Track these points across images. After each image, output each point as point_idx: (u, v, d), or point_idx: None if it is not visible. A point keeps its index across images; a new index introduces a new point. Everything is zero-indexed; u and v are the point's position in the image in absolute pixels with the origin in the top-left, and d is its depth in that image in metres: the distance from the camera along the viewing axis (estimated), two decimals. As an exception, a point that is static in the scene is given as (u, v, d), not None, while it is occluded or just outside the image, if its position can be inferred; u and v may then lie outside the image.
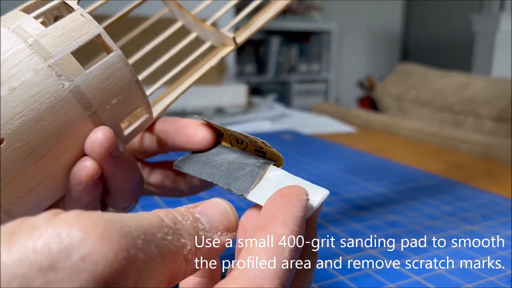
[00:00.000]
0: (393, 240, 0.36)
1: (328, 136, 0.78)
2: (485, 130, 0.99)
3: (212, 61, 0.27)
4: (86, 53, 0.24)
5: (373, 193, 0.47)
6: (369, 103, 2.23)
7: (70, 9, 0.21)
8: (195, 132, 0.22)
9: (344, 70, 3.13)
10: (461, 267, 0.32)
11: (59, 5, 0.21)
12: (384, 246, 0.35)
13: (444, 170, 0.57)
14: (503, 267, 0.32)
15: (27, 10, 0.20)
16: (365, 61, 3.19)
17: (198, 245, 0.15)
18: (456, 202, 0.45)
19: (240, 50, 2.62)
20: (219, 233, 0.16)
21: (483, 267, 0.32)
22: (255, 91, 2.69)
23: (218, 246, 0.16)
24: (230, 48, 0.27)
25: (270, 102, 1.08)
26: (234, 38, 0.26)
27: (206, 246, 0.16)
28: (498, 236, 0.37)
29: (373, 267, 0.31)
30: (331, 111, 1.03)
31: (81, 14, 0.20)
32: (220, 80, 1.17)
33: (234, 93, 1.14)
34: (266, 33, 2.74)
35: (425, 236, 0.37)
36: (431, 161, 0.63)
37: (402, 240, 0.36)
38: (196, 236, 0.15)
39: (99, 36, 0.20)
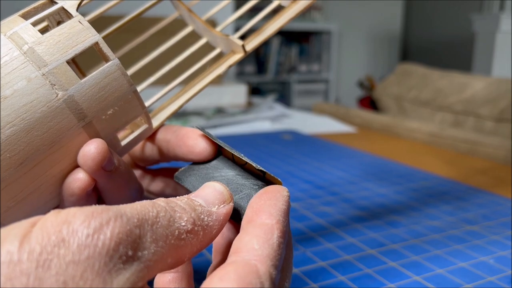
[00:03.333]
0: (393, 240, 0.36)
1: (328, 136, 0.78)
2: (485, 130, 0.99)
3: (220, 69, 0.26)
4: (91, 59, 0.24)
5: (373, 193, 0.47)
6: (369, 103, 2.23)
7: (69, 15, 0.20)
8: (195, 143, 0.22)
9: (344, 70, 3.13)
10: (461, 267, 0.32)
11: (59, 11, 0.21)
12: (384, 246, 0.35)
13: (444, 170, 0.57)
14: (503, 267, 0.32)
15: (26, 16, 0.20)
16: (365, 61, 3.19)
17: (196, 218, 0.16)
18: (456, 202, 0.45)
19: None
20: (216, 206, 0.17)
21: (483, 267, 0.32)
22: (255, 91, 2.69)
23: (220, 217, 0.17)
24: (238, 55, 0.27)
25: (270, 102, 1.08)
26: (243, 46, 0.26)
27: (208, 219, 0.16)
28: (498, 236, 0.37)
29: (373, 267, 0.31)
30: (331, 111, 1.03)
31: (79, 21, 0.20)
32: (220, 80, 1.17)
33: (234, 93, 1.14)
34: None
35: (425, 236, 0.37)
36: (431, 161, 0.63)
37: (402, 240, 0.36)
38: (193, 210, 0.16)
39: (96, 44, 0.20)
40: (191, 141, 0.23)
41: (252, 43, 0.27)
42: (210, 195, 0.17)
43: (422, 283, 0.29)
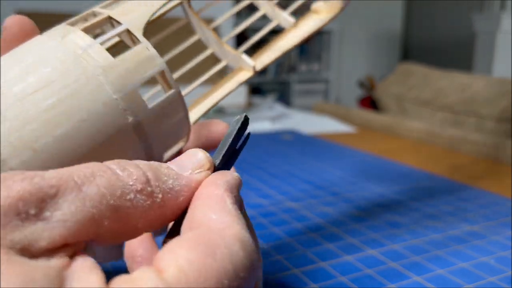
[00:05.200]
0: (394, 240, 0.36)
1: (328, 136, 0.78)
2: (486, 130, 0.99)
3: (230, 86, 0.26)
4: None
5: (373, 193, 0.47)
6: (370, 103, 2.23)
7: (135, 39, 0.20)
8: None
9: (344, 70, 3.13)
10: (461, 267, 0.32)
11: (123, 33, 0.21)
12: (385, 246, 0.35)
13: (444, 170, 0.57)
14: (504, 267, 0.32)
15: (87, 31, 0.20)
16: (365, 60, 3.19)
17: (153, 177, 0.15)
18: (456, 202, 0.45)
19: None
20: (189, 171, 0.16)
21: (483, 267, 0.32)
22: (255, 91, 2.69)
23: (192, 183, 0.16)
24: (248, 74, 0.26)
25: (270, 102, 1.08)
26: (254, 67, 0.26)
27: (174, 182, 0.15)
28: (498, 236, 0.37)
29: (373, 267, 0.31)
30: (331, 111, 1.03)
31: (147, 48, 0.20)
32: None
33: (234, 93, 1.13)
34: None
35: (426, 236, 0.37)
36: (432, 161, 0.63)
37: (403, 241, 0.36)
38: (149, 169, 0.15)
39: (162, 72, 0.20)
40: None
41: (262, 62, 0.26)
42: (185, 159, 0.16)
43: (422, 284, 0.29)
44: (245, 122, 0.18)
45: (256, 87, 2.77)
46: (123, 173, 0.14)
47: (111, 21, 0.21)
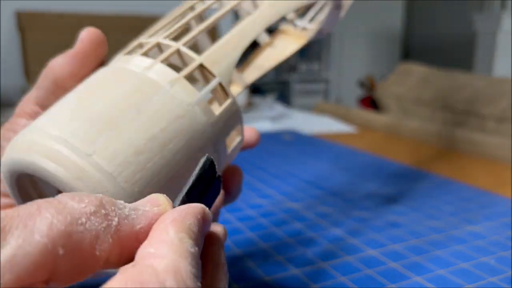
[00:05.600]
0: (394, 240, 0.36)
1: (329, 136, 0.78)
2: (486, 130, 0.99)
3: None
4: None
5: (373, 193, 0.47)
6: (370, 102, 2.23)
7: (226, 94, 0.22)
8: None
9: (345, 69, 3.13)
10: (462, 268, 0.32)
11: (217, 87, 0.22)
12: (385, 246, 0.35)
13: (445, 170, 0.57)
14: (504, 268, 0.32)
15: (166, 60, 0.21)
16: (365, 60, 3.19)
17: (107, 202, 0.14)
18: (457, 202, 0.45)
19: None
20: (147, 207, 0.15)
21: (484, 267, 0.32)
22: (255, 91, 2.69)
23: (149, 214, 0.15)
24: (238, 89, 0.28)
25: (270, 102, 1.08)
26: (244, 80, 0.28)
27: (131, 212, 0.14)
28: (499, 236, 0.37)
29: (373, 267, 0.31)
30: (332, 111, 1.03)
31: (235, 103, 0.23)
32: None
33: (235, 93, 1.13)
34: (265, 32, 2.74)
35: (426, 236, 0.37)
36: (432, 161, 0.63)
37: (403, 241, 0.36)
38: (102, 197, 0.14)
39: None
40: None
41: (249, 78, 0.28)
42: (143, 201, 0.16)
43: (422, 284, 0.29)
44: (208, 164, 0.17)
45: (256, 87, 2.77)
46: (72, 201, 0.13)
47: (179, 54, 0.22)
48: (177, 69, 0.22)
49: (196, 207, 0.16)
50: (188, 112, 0.20)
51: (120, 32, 0.25)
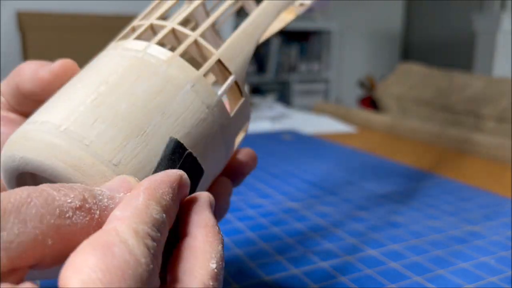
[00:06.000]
0: (394, 240, 0.36)
1: (328, 136, 0.78)
2: (486, 130, 0.99)
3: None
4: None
5: (373, 193, 0.47)
6: (370, 102, 2.23)
7: (239, 92, 0.22)
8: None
9: (345, 69, 3.13)
10: (461, 268, 0.32)
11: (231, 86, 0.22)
12: (385, 246, 0.35)
13: (445, 170, 0.57)
14: (504, 268, 0.32)
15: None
16: (365, 60, 3.19)
17: (89, 196, 0.15)
18: (457, 202, 0.45)
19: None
20: (121, 193, 0.16)
21: (484, 267, 0.32)
22: (255, 91, 2.69)
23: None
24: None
25: (270, 102, 1.08)
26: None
27: (108, 201, 0.15)
28: (499, 236, 0.37)
29: (373, 267, 0.31)
30: (332, 111, 1.03)
31: (249, 102, 0.23)
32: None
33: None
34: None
35: (426, 236, 0.37)
36: (432, 161, 0.63)
37: (403, 241, 0.36)
38: (84, 190, 0.15)
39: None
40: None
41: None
42: (114, 184, 0.16)
43: (422, 284, 0.29)
44: (172, 145, 0.17)
45: (256, 87, 2.77)
46: (59, 193, 0.14)
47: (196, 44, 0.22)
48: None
49: (173, 174, 0.16)
50: (208, 115, 0.19)
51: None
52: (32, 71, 0.21)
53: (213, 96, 0.20)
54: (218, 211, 0.23)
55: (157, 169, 0.17)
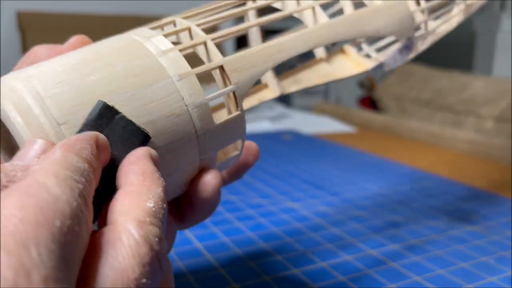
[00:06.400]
0: (394, 240, 0.36)
1: (328, 136, 0.78)
2: (485, 130, 0.99)
3: (252, 102, 0.26)
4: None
5: (373, 193, 0.47)
6: (370, 103, 2.23)
7: (236, 105, 0.21)
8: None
9: (345, 70, 3.12)
10: (461, 267, 0.32)
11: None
12: (385, 246, 0.35)
13: (444, 170, 0.57)
14: (504, 267, 0.32)
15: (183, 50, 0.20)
16: (365, 61, 3.18)
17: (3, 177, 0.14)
18: (456, 202, 0.45)
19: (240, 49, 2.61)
20: (35, 159, 0.15)
21: (483, 267, 0.32)
22: (256, 91, 2.69)
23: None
24: (271, 94, 0.26)
25: (270, 102, 1.08)
26: (279, 92, 0.26)
27: (25, 173, 0.15)
28: (498, 236, 0.37)
29: (373, 267, 0.31)
30: (332, 111, 1.03)
31: (243, 116, 0.21)
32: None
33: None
34: (265, 32, 2.74)
35: (426, 236, 0.37)
36: (431, 161, 0.63)
37: (403, 241, 0.36)
38: None
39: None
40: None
41: (286, 89, 0.27)
42: (25, 151, 0.15)
43: (422, 284, 0.29)
44: (98, 109, 0.17)
45: (256, 87, 2.77)
46: None
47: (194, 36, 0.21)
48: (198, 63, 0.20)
49: (88, 134, 0.16)
50: (185, 112, 0.19)
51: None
52: (47, 49, 0.21)
53: (199, 97, 0.19)
54: (207, 204, 0.22)
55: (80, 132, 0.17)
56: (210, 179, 0.21)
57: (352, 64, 0.28)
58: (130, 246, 0.14)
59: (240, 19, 0.27)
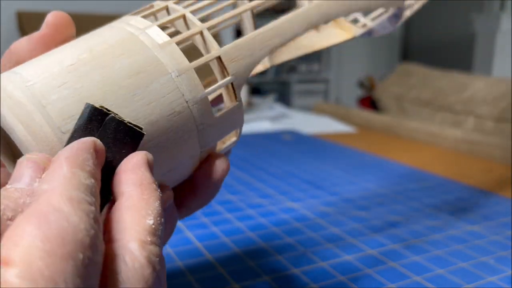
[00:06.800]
0: (393, 240, 0.36)
1: (328, 136, 0.78)
2: (485, 130, 0.99)
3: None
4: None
5: (373, 193, 0.47)
6: (370, 103, 2.23)
7: (234, 96, 0.21)
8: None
9: (344, 70, 3.13)
10: (461, 267, 0.32)
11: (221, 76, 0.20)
12: (385, 246, 0.35)
13: (444, 170, 0.57)
14: (504, 267, 0.32)
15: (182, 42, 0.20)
16: (365, 61, 3.19)
17: (13, 205, 0.14)
18: (456, 202, 0.45)
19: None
20: (36, 180, 0.15)
21: (483, 267, 0.32)
22: (255, 91, 2.69)
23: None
24: (262, 66, 0.26)
25: (270, 102, 1.08)
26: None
27: (32, 199, 0.14)
28: (498, 236, 0.37)
29: (373, 267, 0.31)
30: (331, 111, 1.03)
31: (241, 107, 0.21)
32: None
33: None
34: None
35: (426, 236, 0.37)
36: (431, 161, 0.63)
37: (403, 241, 0.36)
38: (6, 199, 0.14)
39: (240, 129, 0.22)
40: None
41: (279, 58, 0.26)
42: (20, 173, 0.15)
43: (422, 284, 0.29)
44: (87, 114, 0.16)
45: (256, 87, 2.77)
46: None
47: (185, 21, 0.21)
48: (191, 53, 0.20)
49: (86, 141, 0.16)
50: (186, 109, 0.18)
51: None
52: (27, 42, 0.20)
53: (199, 91, 0.19)
54: (208, 189, 0.22)
55: (70, 140, 0.16)
56: (219, 163, 0.21)
57: (341, 31, 0.28)
58: (135, 269, 0.14)
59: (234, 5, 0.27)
